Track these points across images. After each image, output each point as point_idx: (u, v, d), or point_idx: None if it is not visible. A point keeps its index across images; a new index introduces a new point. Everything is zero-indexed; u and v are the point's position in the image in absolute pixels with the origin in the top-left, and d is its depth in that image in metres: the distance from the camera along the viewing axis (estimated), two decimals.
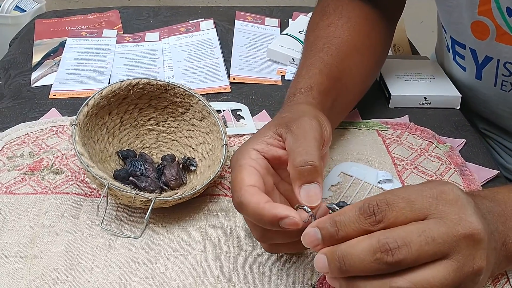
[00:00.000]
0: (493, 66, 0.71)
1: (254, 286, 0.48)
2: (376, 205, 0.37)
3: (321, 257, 0.38)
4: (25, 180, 0.59)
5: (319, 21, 0.69)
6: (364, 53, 0.67)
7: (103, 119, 0.59)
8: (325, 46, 0.63)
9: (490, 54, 0.70)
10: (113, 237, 0.53)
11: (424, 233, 0.35)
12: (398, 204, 0.37)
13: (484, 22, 0.67)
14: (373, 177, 0.60)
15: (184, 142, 0.63)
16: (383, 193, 0.38)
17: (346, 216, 0.37)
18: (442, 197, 0.37)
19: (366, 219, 0.37)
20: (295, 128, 0.46)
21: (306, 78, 0.58)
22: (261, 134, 0.48)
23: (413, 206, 0.37)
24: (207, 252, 0.51)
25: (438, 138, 0.68)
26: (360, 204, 0.37)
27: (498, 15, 0.65)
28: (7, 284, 0.47)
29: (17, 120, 0.69)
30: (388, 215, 0.37)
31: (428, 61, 0.84)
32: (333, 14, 0.68)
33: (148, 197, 0.51)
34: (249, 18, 0.98)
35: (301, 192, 0.42)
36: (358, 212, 0.37)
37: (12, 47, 0.92)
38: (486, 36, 0.68)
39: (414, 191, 0.38)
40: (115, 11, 1.01)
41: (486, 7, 0.65)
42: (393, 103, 0.75)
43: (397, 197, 0.37)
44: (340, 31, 0.66)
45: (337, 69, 0.61)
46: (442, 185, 0.38)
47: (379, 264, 0.35)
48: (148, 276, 0.49)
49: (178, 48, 0.88)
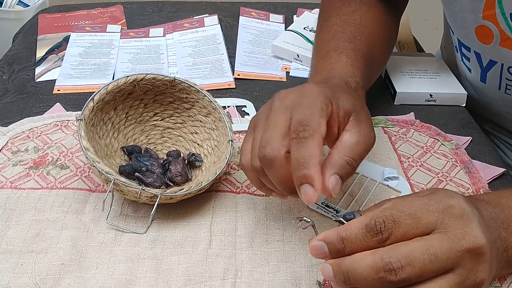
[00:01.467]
0: (497, 70, 0.71)
1: (260, 283, 0.48)
2: (383, 222, 0.37)
3: (327, 266, 0.39)
4: (30, 175, 0.58)
5: (341, 5, 0.68)
6: (384, 45, 0.69)
7: (108, 114, 0.59)
8: (357, 34, 0.63)
9: (494, 58, 0.70)
10: (119, 232, 0.52)
11: (427, 251, 0.36)
12: (405, 222, 0.37)
13: (488, 26, 0.67)
14: (379, 174, 0.60)
15: (189, 138, 0.62)
16: (388, 208, 0.38)
17: (352, 233, 0.38)
18: (449, 211, 0.37)
19: (372, 237, 0.37)
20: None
21: (358, 68, 0.58)
22: (342, 98, 0.47)
23: (419, 222, 0.37)
24: (213, 248, 0.51)
25: (444, 135, 0.67)
26: (367, 221, 0.38)
27: (502, 21, 0.65)
28: (13, 279, 0.47)
29: (21, 115, 0.69)
30: (395, 232, 0.37)
31: (433, 58, 0.84)
32: (354, 1, 0.68)
33: (154, 193, 0.50)
34: (253, 14, 0.98)
35: (331, 180, 0.43)
36: (364, 230, 0.37)
37: (16, 42, 0.91)
38: (490, 41, 0.68)
39: (421, 206, 0.38)
40: (119, 6, 1.00)
41: (491, 12, 0.65)
42: (399, 100, 0.75)
43: (403, 213, 0.37)
44: (366, 21, 0.66)
45: (369, 61, 0.62)
46: (449, 198, 0.38)
47: (383, 282, 0.36)
48: (153, 272, 0.49)
49: (182, 44, 0.88)
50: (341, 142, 0.45)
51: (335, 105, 0.46)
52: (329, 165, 0.43)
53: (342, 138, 0.45)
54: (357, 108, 0.48)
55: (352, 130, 0.45)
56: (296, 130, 0.43)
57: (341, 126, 0.46)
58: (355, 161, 0.44)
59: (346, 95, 0.48)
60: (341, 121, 0.46)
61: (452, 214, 0.37)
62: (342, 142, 0.45)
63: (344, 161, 0.44)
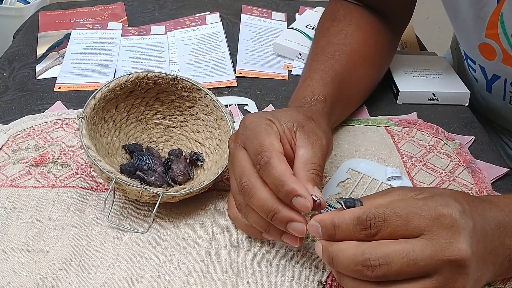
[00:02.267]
0: (501, 83, 0.72)
1: (262, 283, 0.48)
2: (374, 219, 0.39)
3: (319, 245, 0.42)
4: (31, 173, 0.58)
5: (329, 26, 0.70)
6: (370, 62, 0.69)
7: (109, 113, 0.58)
8: (336, 53, 0.65)
9: (497, 73, 0.72)
10: (120, 231, 0.52)
11: (407, 255, 0.38)
12: (394, 222, 0.39)
13: (491, 44, 0.68)
14: (382, 174, 0.60)
15: (191, 137, 0.62)
16: (383, 206, 0.40)
17: (344, 223, 0.40)
18: (439, 220, 0.38)
19: (361, 231, 0.40)
20: (309, 143, 0.48)
21: (321, 85, 0.60)
22: (281, 116, 0.50)
23: (409, 225, 0.39)
24: (214, 248, 0.51)
25: (447, 135, 0.67)
26: (360, 214, 0.40)
27: (504, 40, 0.66)
28: (13, 278, 0.47)
29: (21, 112, 0.69)
30: (383, 230, 0.39)
31: (436, 57, 0.84)
32: (343, 21, 0.69)
33: (156, 192, 0.50)
34: (255, 12, 0.97)
35: (315, 190, 0.45)
36: (356, 222, 0.40)
37: (16, 39, 0.91)
38: (493, 57, 0.69)
39: (413, 209, 0.39)
40: (120, 4, 1.00)
41: (493, 31, 0.66)
42: (401, 99, 0.74)
43: (395, 214, 0.39)
44: (350, 39, 0.67)
45: (346, 80, 0.64)
46: (444, 207, 0.39)
47: (360, 274, 0.39)
48: (155, 272, 0.48)
49: (183, 42, 0.88)
50: (299, 158, 0.47)
51: (277, 124, 0.48)
52: (302, 181, 0.45)
53: (298, 154, 0.47)
54: (300, 121, 0.50)
55: (304, 145, 0.48)
56: (257, 162, 0.45)
57: (292, 143, 0.48)
58: (320, 171, 0.47)
59: (285, 113, 0.51)
60: (289, 138, 0.48)
61: (442, 224, 0.38)
62: (299, 158, 0.47)
63: (312, 174, 0.46)
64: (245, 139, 0.48)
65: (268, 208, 0.44)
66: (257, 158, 0.45)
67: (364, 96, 0.71)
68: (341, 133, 0.66)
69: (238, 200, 0.48)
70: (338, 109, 0.62)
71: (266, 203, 0.44)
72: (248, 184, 0.45)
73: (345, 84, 0.63)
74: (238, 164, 0.47)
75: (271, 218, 0.44)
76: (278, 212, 0.44)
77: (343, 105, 0.64)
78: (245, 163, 0.47)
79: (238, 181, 0.47)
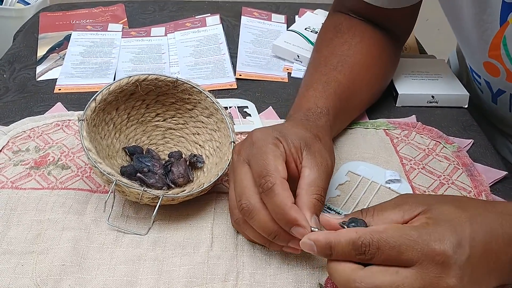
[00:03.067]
0: (506, 97, 0.73)
1: (262, 285, 0.48)
2: (368, 246, 0.40)
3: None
4: (31, 175, 0.58)
5: (333, 37, 0.70)
6: (373, 73, 0.69)
7: (110, 115, 0.58)
8: (339, 64, 0.65)
9: (503, 88, 0.72)
10: (120, 233, 0.52)
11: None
12: (387, 252, 0.40)
13: (494, 64, 0.68)
14: (381, 177, 0.60)
15: (191, 139, 0.62)
16: (379, 232, 0.40)
17: (339, 245, 0.41)
18: (431, 256, 0.39)
19: (356, 255, 0.41)
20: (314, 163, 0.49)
21: (324, 97, 0.60)
22: (289, 134, 0.50)
23: (401, 256, 0.40)
24: (214, 250, 0.51)
25: (445, 138, 0.67)
26: (355, 238, 0.41)
27: (507, 61, 0.67)
28: (13, 279, 0.47)
29: (22, 114, 0.69)
30: (377, 257, 0.40)
31: (435, 60, 0.84)
32: (347, 33, 0.70)
33: (156, 194, 0.50)
34: (255, 14, 0.97)
35: (312, 222, 0.46)
36: (351, 246, 0.41)
37: (17, 40, 0.91)
38: (498, 75, 0.70)
39: (407, 242, 0.40)
40: (121, 5, 1.00)
41: (496, 52, 0.67)
42: (401, 102, 0.74)
43: (389, 245, 0.40)
44: (354, 51, 0.67)
45: (349, 90, 0.64)
46: (437, 242, 0.40)
47: None
48: (155, 273, 0.48)
49: (184, 44, 0.88)
50: (304, 179, 0.48)
51: (284, 143, 0.49)
52: (303, 207, 0.46)
53: (303, 175, 0.48)
54: (308, 140, 0.50)
55: (310, 165, 0.48)
56: (260, 184, 0.46)
57: (297, 162, 0.49)
58: (322, 196, 0.47)
59: (293, 130, 0.51)
60: (295, 157, 0.49)
61: (433, 260, 0.39)
62: (305, 180, 0.48)
63: (314, 200, 0.47)
64: (250, 156, 0.48)
65: (269, 230, 0.46)
66: (261, 182, 0.46)
67: (366, 106, 0.71)
68: (340, 136, 0.67)
69: (235, 215, 0.49)
70: (340, 120, 0.62)
71: (267, 225, 0.46)
72: (248, 205, 0.46)
73: (348, 95, 0.63)
74: (239, 182, 0.48)
75: (273, 238, 0.47)
76: (280, 234, 0.46)
77: (345, 116, 0.65)
78: (246, 182, 0.47)
79: (237, 199, 0.48)
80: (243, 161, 0.49)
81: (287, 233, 0.46)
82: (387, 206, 0.45)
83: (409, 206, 0.43)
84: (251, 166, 0.48)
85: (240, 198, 0.47)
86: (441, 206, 0.43)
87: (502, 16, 0.62)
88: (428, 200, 0.44)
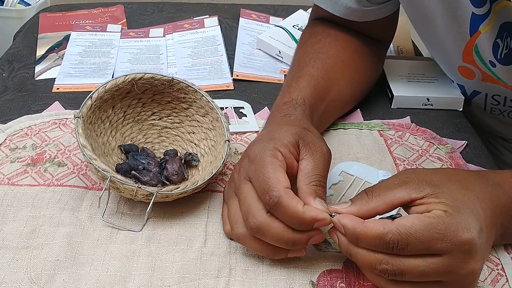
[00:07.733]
0: (481, 98, 0.75)
1: (254, 282, 0.48)
2: (397, 242, 0.41)
3: (341, 237, 0.45)
4: (27, 172, 0.59)
5: (307, 39, 0.72)
6: (352, 66, 0.70)
7: (106, 113, 0.59)
8: (312, 60, 0.66)
9: (478, 89, 0.74)
10: (114, 230, 0.53)
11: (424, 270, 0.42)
12: (417, 246, 0.41)
13: (470, 67, 0.70)
14: (374, 177, 0.60)
15: (187, 138, 0.63)
16: (406, 227, 0.42)
17: (367, 238, 0.43)
18: (459, 246, 0.41)
19: (383, 249, 0.42)
20: (312, 153, 0.49)
21: (297, 90, 0.61)
22: (283, 136, 0.50)
23: (430, 248, 0.41)
24: (207, 247, 0.51)
25: (439, 139, 0.68)
26: (383, 233, 0.42)
27: (482, 65, 0.68)
28: (8, 274, 0.48)
29: (20, 112, 0.70)
30: (405, 252, 0.42)
31: (431, 62, 0.84)
32: (321, 34, 0.71)
33: (150, 191, 0.51)
34: (253, 16, 0.98)
35: (317, 203, 0.46)
36: (379, 241, 0.42)
37: (16, 40, 0.92)
38: (473, 77, 0.71)
39: (435, 235, 0.41)
40: (120, 6, 1.01)
41: (469, 58, 0.68)
42: (396, 104, 0.75)
43: (419, 241, 0.41)
44: (327, 48, 0.69)
45: (323, 81, 0.64)
46: (465, 231, 0.41)
47: (379, 274, 0.44)
48: (148, 269, 0.49)
49: (182, 45, 0.89)
50: (301, 172, 0.48)
51: (282, 149, 0.49)
52: (305, 197, 0.46)
53: (300, 168, 0.49)
54: (301, 134, 0.51)
55: (306, 157, 0.49)
56: (265, 202, 0.46)
57: (298, 157, 0.49)
58: (321, 181, 0.48)
59: (282, 130, 0.51)
60: (295, 154, 0.49)
61: (461, 249, 0.41)
62: (302, 172, 0.48)
63: (313, 186, 0.47)
64: (251, 173, 0.48)
65: (285, 240, 0.46)
66: (265, 199, 0.46)
67: (351, 100, 0.71)
68: (334, 136, 0.67)
69: (235, 230, 0.49)
70: (319, 109, 0.62)
71: (282, 236, 0.46)
72: (255, 223, 0.46)
73: (323, 86, 0.64)
74: (244, 201, 0.48)
75: (291, 246, 0.47)
76: (297, 239, 0.46)
77: (325, 106, 0.64)
78: (250, 201, 0.47)
79: (244, 219, 0.48)
80: (245, 179, 0.49)
81: (305, 236, 0.46)
82: (391, 184, 0.45)
83: (415, 185, 0.44)
84: (253, 182, 0.48)
85: (247, 217, 0.47)
86: (449, 188, 0.44)
87: (472, 26, 0.64)
88: (432, 178, 0.45)
